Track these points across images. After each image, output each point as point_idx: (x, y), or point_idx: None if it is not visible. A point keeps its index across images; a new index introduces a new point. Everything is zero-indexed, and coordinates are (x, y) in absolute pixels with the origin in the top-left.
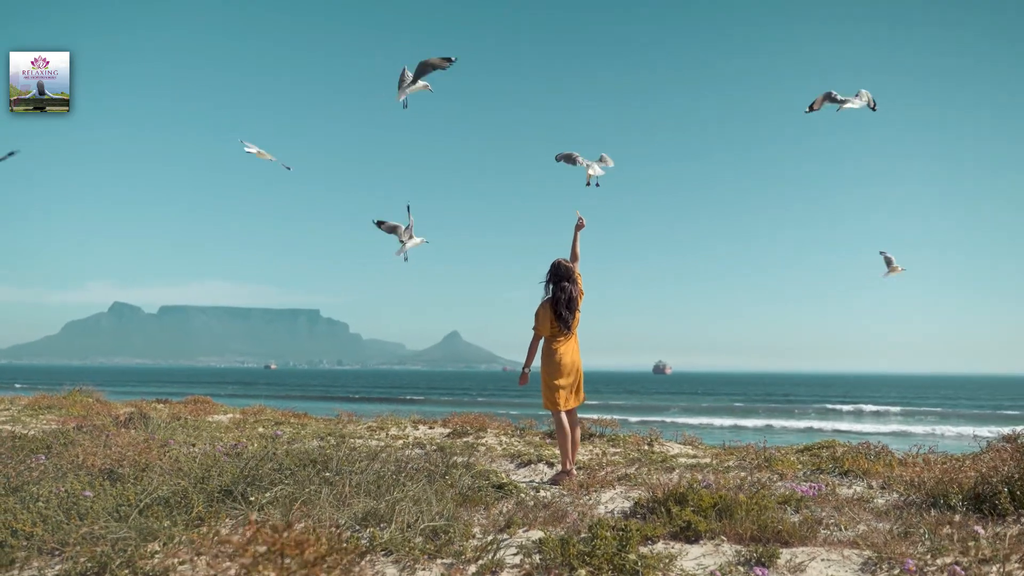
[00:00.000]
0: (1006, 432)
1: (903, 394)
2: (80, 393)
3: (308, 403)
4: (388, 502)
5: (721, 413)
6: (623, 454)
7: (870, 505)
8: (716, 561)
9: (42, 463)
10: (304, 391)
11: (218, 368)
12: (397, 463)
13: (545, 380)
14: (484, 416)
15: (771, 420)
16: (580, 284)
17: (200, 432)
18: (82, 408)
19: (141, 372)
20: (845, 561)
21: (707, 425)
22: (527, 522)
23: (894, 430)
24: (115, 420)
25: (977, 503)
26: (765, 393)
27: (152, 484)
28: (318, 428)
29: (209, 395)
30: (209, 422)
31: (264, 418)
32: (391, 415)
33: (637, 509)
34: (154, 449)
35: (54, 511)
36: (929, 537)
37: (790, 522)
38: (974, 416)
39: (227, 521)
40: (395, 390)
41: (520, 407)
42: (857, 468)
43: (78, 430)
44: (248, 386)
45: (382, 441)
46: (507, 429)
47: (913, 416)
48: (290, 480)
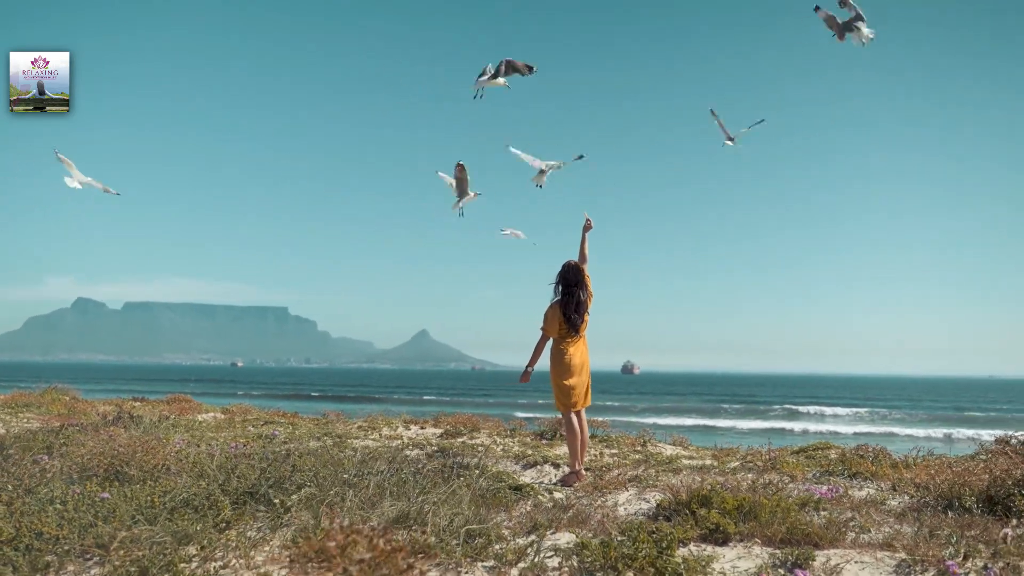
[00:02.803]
0: (986, 435)
1: (867, 395)
2: (56, 391)
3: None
4: (419, 504)
5: (690, 413)
6: (621, 455)
7: (884, 507)
8: (752, 564)
9: (48, 463)
10: (273, 389)
11: (184, 366)
12: (413, 465)
13: (555, 381)
14: (476, 417)
15: (738, 421)
16: (589, 286)
17: (193, 432)
18: (63, 407)
19: (106, 369)
20: (879, 564)
21: (677, 426)
22: (553, 524)
23: (859, 431)
24: (103, 419)
25: (990, 505)
26: (731, 393)
27: (174, 486)
28: (311, 428)
29: (180, 393)
30: (197, 421)
31: (252, 417)
32: (381, 415)
33: (660, 511)
34: (161, 450)
35: (77, 513)
36: (957, 539)
37: (817, 524)
38: (936, 418)
39: (254, 524)
40: (366, 388)
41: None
42: (865, 470)
43: (70, 429)
44: (216, 384)
45: (377, 441)
46: (500, 429)
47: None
48: (313, 482)
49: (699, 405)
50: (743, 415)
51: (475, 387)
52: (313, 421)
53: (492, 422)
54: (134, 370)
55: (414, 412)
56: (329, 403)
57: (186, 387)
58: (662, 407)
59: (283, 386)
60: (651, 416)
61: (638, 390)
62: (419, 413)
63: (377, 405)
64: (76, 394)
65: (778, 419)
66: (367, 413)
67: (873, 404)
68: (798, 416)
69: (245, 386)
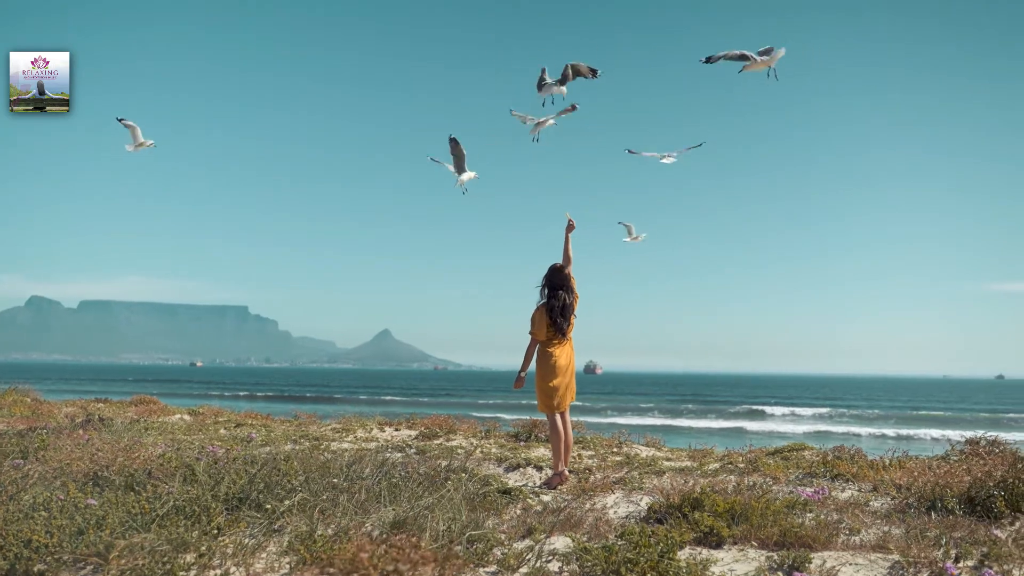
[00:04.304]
0: (936, 433)
1: (827, 395)
2: (17, 392)
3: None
4: (417, 509)
5: (652, 413)
6: (600, 457)
7: (868, 509)
8: (748, 567)
9: (25, 468)
10: (235, 389)
11: (142, 366)
12: (403, 468)
13: (540, 383)
14: (452, 418)
15: (698, 420)
16: (575, 288)
17: (165, 434)
18: (25, 408)
19: (61, 368)
20: (873, 565)
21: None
22: (547, 528)
23: (819, 430)
24: (71, 422)
25: (971, 506)
26: (692, 393)
27: (163, 492)
28: (286, 430)
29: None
30: (167, 423)
31: (223, 419)
32: (356, 416)
33: (651, 514)
34: (141, 454)
35: (65, 520)
36: (946, 540)
37: (809, 526)
38: (892, 416)
39: (247, 530)
40: (328, 388)
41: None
42: (846, 472)
43: (41, 432)
44: (175, 384)
45: (354, 444)
46: (476, 431)
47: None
48: (304, 487)
49: (660, 405)
50: (703, 415)
51: (437, 387)
52: (286, 423)
53: (467, 424)
54: (91, 370)
55: (377, 412)
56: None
57: (145, 387)
58: (626, 407)
59: (245, 386)
60: (613, 416)
61: (599, 390)
62: (383, 413)
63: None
64: (37, 395)
65: (738, 418)
66: (341, 415)
67: (834, 403)
68: (757, 416)
69: (205, 386)
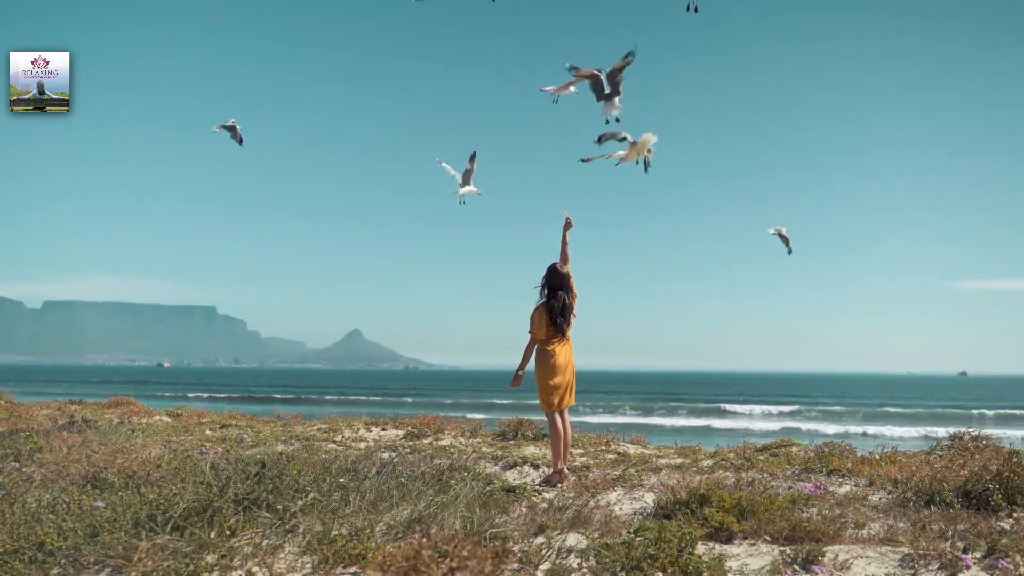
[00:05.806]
0: (901, 431)
1: (795, 392)
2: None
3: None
4: (432, 508)
5: (623, 411)
6: (591, 455)
7: (868, 503)
8: (763, 561)
9: (28, 471)
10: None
11: (108, 366)
12: (408, 467)
13: (540, 382)
14: (439, 418)
15: (667, 419)
16: (573, 287)
17: (152, 436)
18: (3, 411)
19: (25, 370)
20: (884, 558)
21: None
22: (563, 526)
23: (787, 426)
24: (54, 424)
25: (968, 500)
26: (661, 392)
27: (172, 493)
28: (274, 431)
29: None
30: (151, 425)
31: (206, 420)
32: (341, 417)
33: (659, 510)
34: (139, 455)
35: (74, 522)
36: (952, 533)
37: (816, 521)
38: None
39: (260, 531)
40: (298, 389)
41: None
42: (842, 467)
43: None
44: (142, 385)
45: (342, 444)
46: (463, 430)
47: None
48: (313, 487)
49: (630, 403)
50: (672, 412)
51: (408, 387)
52: (271, 423)
53: (454, 423)
54: (56, 371)
55: (362, 412)
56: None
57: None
58: (597, 405)
59: (215, 386)
60: (586, 415)
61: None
62: (361, 413)
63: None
64: (11, 397)
65: (708, 416)
66: (327, 415)
67: (801, 400)
68: (727, 414)
69: (173, 387)
